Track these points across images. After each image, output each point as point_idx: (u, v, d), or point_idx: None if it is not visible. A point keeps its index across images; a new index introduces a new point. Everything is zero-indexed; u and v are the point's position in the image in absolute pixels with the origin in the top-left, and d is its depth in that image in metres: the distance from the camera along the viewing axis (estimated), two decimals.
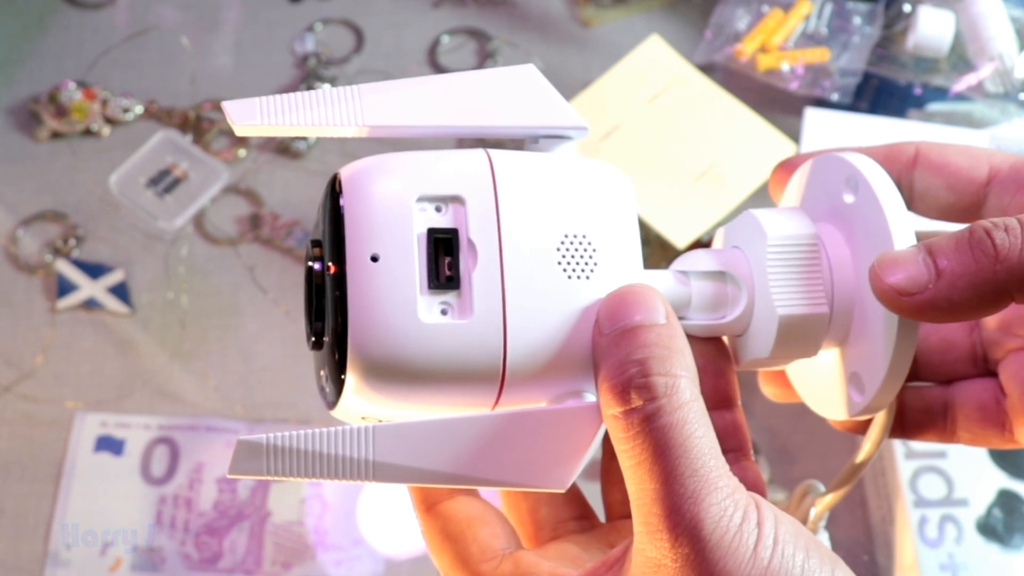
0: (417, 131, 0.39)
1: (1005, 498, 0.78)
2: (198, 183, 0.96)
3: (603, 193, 0.39)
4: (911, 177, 0.41)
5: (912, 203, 0.41)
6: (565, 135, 0.40)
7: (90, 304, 0.92)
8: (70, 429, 0.87)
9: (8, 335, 0.91)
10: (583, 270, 0.37)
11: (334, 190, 0.38)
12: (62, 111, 0.99)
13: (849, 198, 0.40)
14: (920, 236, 0.38)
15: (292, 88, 1.02)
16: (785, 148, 0.90)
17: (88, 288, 0.92)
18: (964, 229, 0.36)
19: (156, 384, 0.89)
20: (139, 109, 1.00)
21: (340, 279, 0.37)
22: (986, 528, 0.77)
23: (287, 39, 1.04)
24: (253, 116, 0.38)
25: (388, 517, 0.85)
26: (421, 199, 0.37)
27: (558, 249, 0.37)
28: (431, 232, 0.37)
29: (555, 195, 0.38)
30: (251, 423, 0.88)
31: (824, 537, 0.44)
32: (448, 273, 0.37)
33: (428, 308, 0.36)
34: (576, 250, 0.37)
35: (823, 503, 0.43)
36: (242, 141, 0.99)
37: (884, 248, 0.38)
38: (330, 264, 0.37)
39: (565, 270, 0.37)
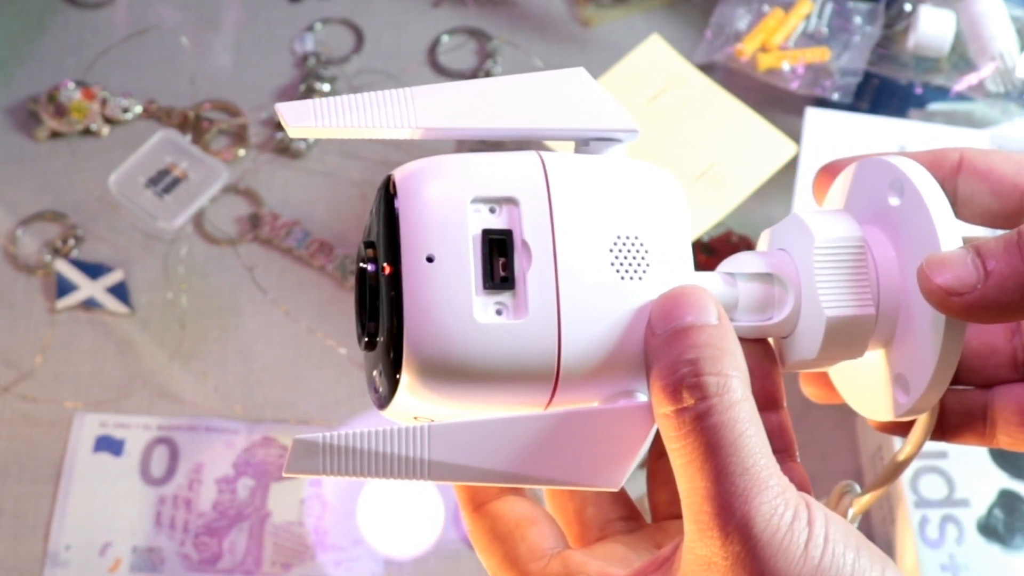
0: (469, 133, 0.40)
1: (1006, 498, 0.78)
2: (197, 183, 0.96)
3: (654, 195, 0.39)
4: (955, 183, 0.41)
5: (956, 209, 0.41)
6: (615, 137, 0.41)
7: (89, 304, 0.92)
8: (69, 429, 0.87)
9: (7, 335, 0.91)
10: (635, 271, 0.38)
11: (388, 192, 0.38)
12: (61, 111, 0.99)
13: (894, 201, 0.40)
14: (964, 242, 0.38)
15: (292, 88, 1.02)
16: (786, 148, 0.90)
17: (87, 288, 0.92)
18: (1013, 231, 0.37)
19: (155, 384, 0.89)
20: (138, 109, 0.99)
21: (395, 280, 0.37)
22: (987, 528, 0.77)
23: (287, 39, 1.04)
24: (307, 118, 0.38)
25: (388, 517, 0.85)
26: (475, 200, 0.37)
27: (611, 250, 0.38)
28: (486, 233, 0.37)
29: (607, 197, 0.38)
30: (251, 423, 0.87)
31: None
32: (503, 274, 0.37)
33: (483, 308, 0.37)
34: (628, 251, 0.38)
35: (860, 503, 0.43)
36: (241, 141, 0.99)
37: (930, 250, 0.38)
38: (385, 265, 0.37)
39: (618, 271, 0.38)
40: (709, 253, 0.90)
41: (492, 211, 0.37)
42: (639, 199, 0.39)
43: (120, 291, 0.92)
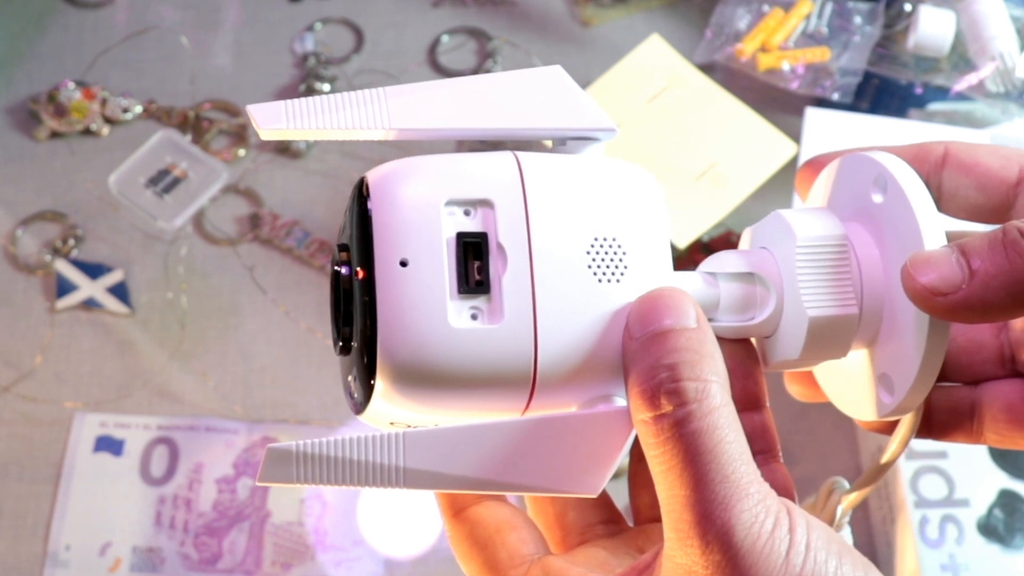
0: (444, 134, 0.39)
1: (1006, 498, 0.78)
2: (197, 183, 0.96)
3: (632, 195, 0.38)
4: (940, 177, 0.40)
5: (941, 203, 0.40)
6: (593, 137, 0.40)
7: (89, 304, 0.92)
8: (69, 429, 0.87)
9: (7, 335, 0.91)
10: (613, 273, 0.37)
11: (361, 194, 0.37)
12: (61, 111, 0.99)
13: (878, 198, 0.40)
14: (949, 236, 0.38)
15: (292, 88, 1.02)
16: (786, 148, 0.90)
17: (87, 288, 0.92)
18: (997, 229, 0.36)
19: (155, 384, 0.89)
20: (138, 109, 0.99)
21: (369, 284, 0.36)
22: (987, 528, 0.77)
23: (287, 39, 1.04)
24: (279, 120, 0.38)
25: (388, 517, 0.85)
26: (450, 203, 0.37)
27: (588, 252, 0.37)
28: (460, 236, 0.36)
29: (584, 198, 0.38)
30: (251, 423, 0.87)
31: (847, 532, 0.44)
32: (478, 277, 0.36)
33: (458, 313, 0.36)
34: (606, 253, 0.37)
35: (848, 500, 0.43)
36: (241, 141, 0.99)
37: (914, 248, 0.37)
38: (358, 269, 0.37)
39: (595, 273, 0.37)
40: (709, 253, 0.90)
41: (467, 213, 0.37)
42: (616, 199, 0.38)
43: (120, 291, 0.92)
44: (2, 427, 0.88)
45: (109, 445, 0.87)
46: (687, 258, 0.90)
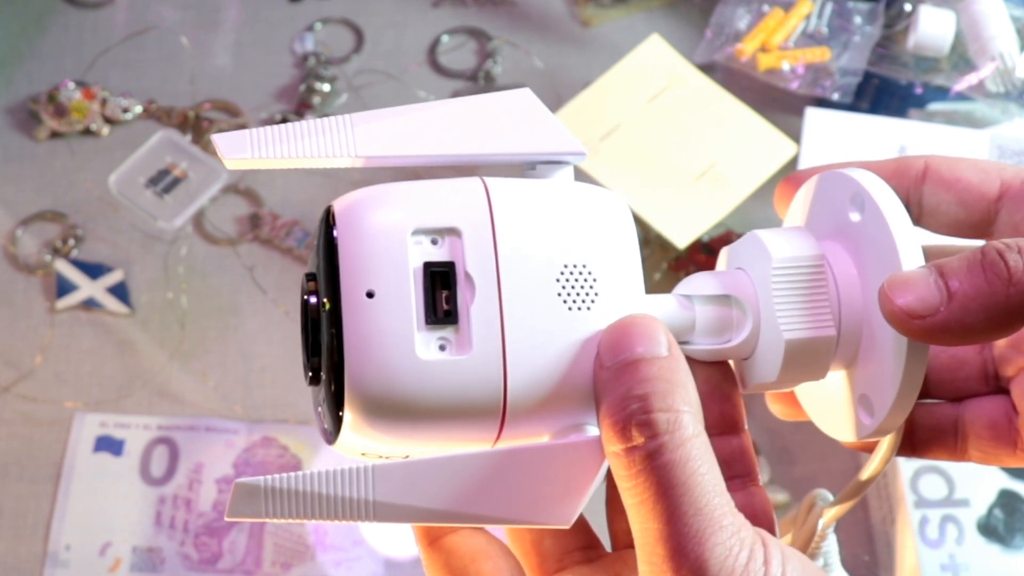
0: (412, 160, 0.39)
1: (1006, 498, 0.78)
2: (197, 183, 0.96)
3: (602, 221, 0.38)
4: (920, 192, 0.40)
5: (921, 219, 0.40)
6: (562, 160, 0.40)
7: (89, 304, 0.92)
8: (69, 429, 0.87)
9: (7, 335, 0.91)
10: (584, 301, 0.37)
11: (327, 223, 0.37)
12: (61, 111, 0.99)
13: (855, 216, 0.39)
14: (931, 252, 0.37)
15: (292, 88, 1.02)
16: (786, 148, 0.90)
17: (87, 288, 0.92)
18: (976, 250, 0.35)
19: (155, 384, 0.89)
20: (138, 109, 0.99)
21: (335, 315, 0.36)
22: (987, 528, 0.77)
23: (287, 39, 1.04)
24: (244, 149, 0.37)
25: None
26: (416, 232, 0.36)
27: (558, 280, 0.37)
28: (427, 266, 0.36)
29: (554, 224, 0.37)
30: (251, 423, 0.87)
31: (832, 541, 0.44)
32: (446, 308, 0.36)
33: (426, 344, 0.36)
34: (576, 280, 0.37)
35: (830, 514, 0.43)
36: None
37: (891, 269, 0.37)
38: (325, 300, 0.36)
39: (565, 301, 0.36)
40: (709, 253, 0.90)
41: (434, 243, 0.36)
42: (586, 225, 0.37)
43: (120, 291, 0.92)
44: (2, 427, 0.88)
45: (109, 445, 0.87)
46: (687, 258, 0.90)
